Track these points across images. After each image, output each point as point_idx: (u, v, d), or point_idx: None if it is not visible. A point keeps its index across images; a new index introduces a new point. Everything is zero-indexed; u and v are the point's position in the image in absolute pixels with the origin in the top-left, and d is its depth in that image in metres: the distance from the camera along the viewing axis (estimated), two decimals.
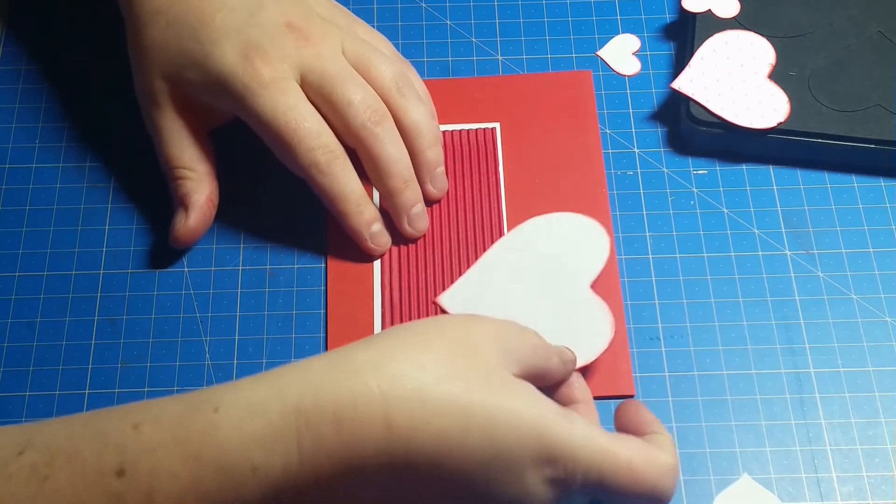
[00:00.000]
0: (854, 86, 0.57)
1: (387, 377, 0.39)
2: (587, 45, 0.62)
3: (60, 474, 0.37)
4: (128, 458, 0.37)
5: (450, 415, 0.39)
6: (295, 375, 0.40)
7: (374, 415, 0.38)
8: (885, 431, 0.50)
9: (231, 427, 0.38)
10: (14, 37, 0.64)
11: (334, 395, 0.39)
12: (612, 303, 0.53)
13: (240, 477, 0.37)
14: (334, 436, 0.38)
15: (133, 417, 0.39)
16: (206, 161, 0.55)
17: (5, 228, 0.57)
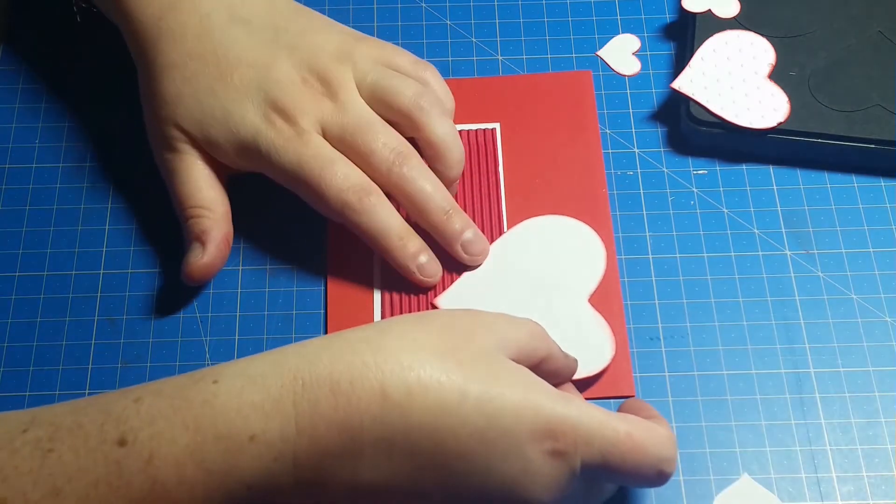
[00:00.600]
0: (854, 86, 0.57)
1: (382, 351, 0.40)
2: (587, 45, 0.62)
3: (63, 447, 0.38)
4: (128, 427, 0.38)
5: (445, 388, 0.39)
6: (293, 350, 0.41)
7: (369, 385, 0.39)
8: (885, 431, 0.50)
9: (229, 396, 0.39)
10: (14, 37, 0.64)
11: (331, 367, 0.39)
12: (612, 304, 0.53)
13: (237, 444, 0.38)
14: (330, 404, 0.39)
15: (135, 393, 0.40)
16: (223, 204, 0.54)
17: (5, 228, 0.57)
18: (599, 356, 0.51)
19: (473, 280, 0.54)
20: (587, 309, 0.53)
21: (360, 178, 0.52)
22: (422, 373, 0.39)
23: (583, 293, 0.53)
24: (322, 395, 0.39)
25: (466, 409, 0.39)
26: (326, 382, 0.39)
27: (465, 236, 0.54)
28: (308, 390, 0.39)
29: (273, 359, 0.40)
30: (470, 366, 0.40)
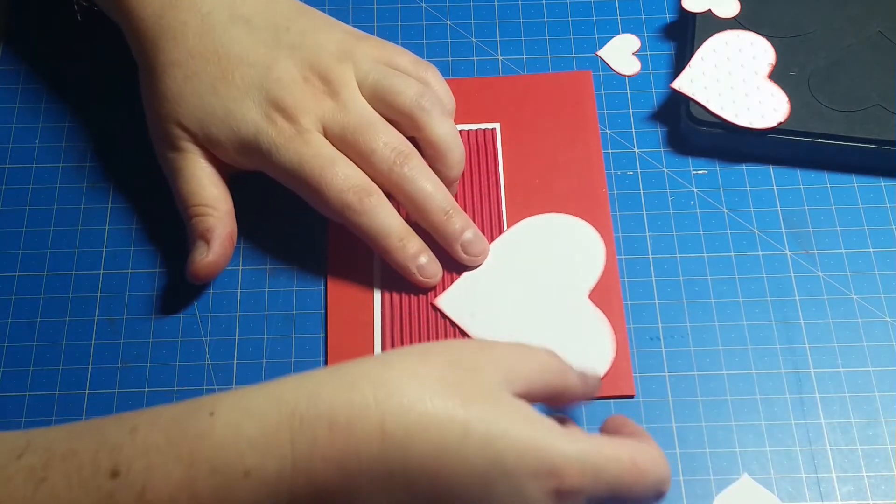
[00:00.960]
0: (854, 86, 0.57)
1: (383, 388, 0.39)
2: (587, 45, 0.62)
3: (56, 476, 0.37)
4: (122, 458, 0.37)
5: (447, 426, 0.38)
6: (292, 383, 0.40)
7: (369, 423, 0.38)
8: (885, 431, 0.50)
9: (226, 430, 0.38)
10: (14, 37, 0.64)
11: (330, 403, 0.39)
12: (612, 304, 0.53)
13: (232, 480, 0.37)
14: (328, 441, 0.38)
15: (132, 421, 0.39)
16: (226, 202, 0.54)
17: (5, 228, 0.57)
18: (601, 356, 0.51)
19: (473, 280, 0.54)
20: (588, 305, 0.53)
21: (360, 178, 0.52)
22: (423, 411, 0.39)
23: (583, 289, 0.53)
24: (320, 432, 0.38)
25: (468, 449, 0.38)
26: (325, 419, 0.38)
27: (464, 236, 0.53)
28: (306, 427, 0.38)
29: (271, 392, 0.39)
30: (473, 403, 0.39)
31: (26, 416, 0.51)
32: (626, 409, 0.51)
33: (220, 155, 0.54)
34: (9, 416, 0.51)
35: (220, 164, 0.55)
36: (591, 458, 0.40)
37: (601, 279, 0.54)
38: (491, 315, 0.53)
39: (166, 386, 0.52)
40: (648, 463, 0.41)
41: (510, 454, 0.39)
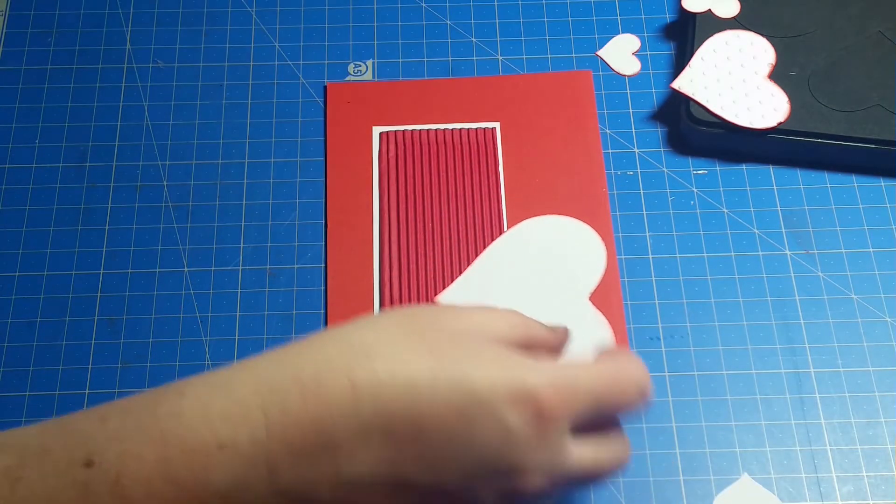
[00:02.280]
0: (854, 86, 0.57)
1: (347, 345, 0.39)
2: (587, 45, 0.62)
3: (31, 474, 0.37)
4: (94, 448, 0.37)
5: (415, 370, 0.38)
6: (258, 358, 0.40)
7: (337, 380, 0.38)
8: (885, 431, 0.50)
9: (195, 407, 0.38)
10: (14, 37, 0.64)
11: (296, 367, 0.39)
12: (612, 304, 0.53)
13: (206, 455, 0.37)
14: (300, 404, 0.38)
15: (102, 412, 0.39)
16: None
17: (5, 228, 0.57)
18: None
19: (474, 279, 0.54)
20: (588, 307, 0.53)
21: None
22: (390, 359, 0.38)
23: (583, 292, 0.53)
24: (290, 396, 0.38)
25: (440, 387, 0.38)
26: (294, 383, 0.38)
27: None
28: (275, 393, 0.38)
29: (238, 367, 0.39)
30: (438, 345, 0.39)
31: (26, 416, 0.51)
32: None
33: None
34: (9, 416, 0.51)
35: None
36: (563, 377, 0.39)
37: (602, 282, 0.54)
38: None
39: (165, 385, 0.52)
40: (622, 369, 0.41)
41: (482, 385, 0.38)
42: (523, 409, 0.38)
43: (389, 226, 0.56)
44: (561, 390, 0.39)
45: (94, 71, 0.62)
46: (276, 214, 0.57)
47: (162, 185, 0.57)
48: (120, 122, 0.60)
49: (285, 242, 0.56)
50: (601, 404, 0.40)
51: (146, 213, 0.57)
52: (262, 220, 0.57)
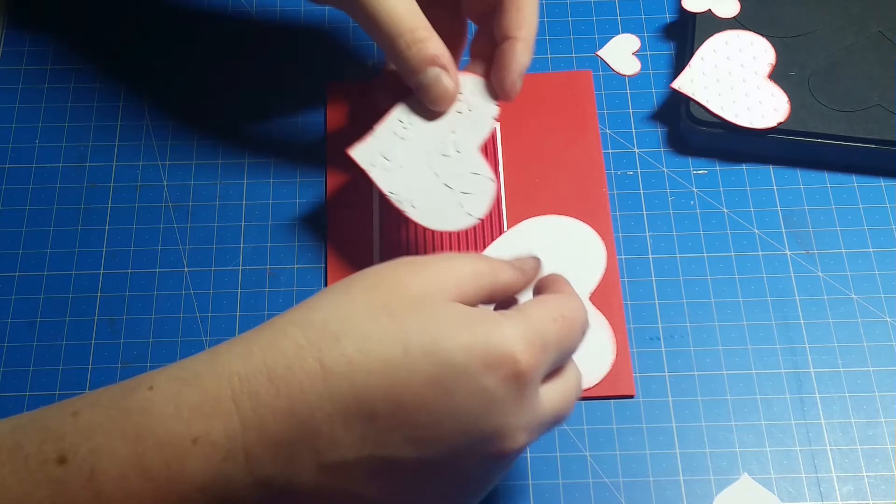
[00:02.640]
0: (854, 86, 0.57)
1: (312, 328, 0.39)
2: (587, 45, 0.62)
3: (4, 470, 0.37)
4: (67, 444, 0.37)
5: (385, 345, 0.38)
6: (225, 348, 0.39)
7: (306, 364, 0.38)
8: (885, 431, 0.50)
9: (165, 400, 0.38)
10: (14, 37, 0.64)
11: (263, 357, 0.38)
12: (612, 304, 0.53)
13: (181, 449, 0.37)
14: (272, 392, 0.37)
15: (73, 406, 0.39)
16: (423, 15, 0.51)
17: (5, 228, 0.57)
18: (601, 359, 0.51)
19: None
20: (588, 308, 0.53)
21: None
22: (357, 337, 0.38)
23: (584, 292, 0.53)
24: (261, 386, 0.37)
25: (413, 359, 0.38)
26: (262, 372, 0.38)
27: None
28: (245, 384, 0.37)
29: (206, 359, 0.39)
30: (404, 316, 0.39)
31: None
32: (626, 408, 0.51)
33: None
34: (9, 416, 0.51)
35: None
36: (532, 332, 0.39)
37: (602, 282, 0.54)
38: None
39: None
40: (573, 311, 0.42)
41: (457, 352, 0.38)
42: (500, 371, 0.38)
43: (390, 226, 0.56)
44: (533, 346, 0.39)
45: (95, 70, 0.62)
46: (276, 214, 0.57)
47: (162, 185, 0.58)
48: (120, 122, 0.60)
49: (285, 242, 0.56)
50: (565, 352, 0.42)
51: (146, 213, 0.57)
52: (262, 220, 0.57)
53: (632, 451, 0.50)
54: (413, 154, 0.51)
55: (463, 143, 0.52)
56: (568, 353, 0.42)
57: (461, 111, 0.52)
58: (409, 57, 0.50)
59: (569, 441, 0.50)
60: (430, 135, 0.52)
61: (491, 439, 0.39)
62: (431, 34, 0.50)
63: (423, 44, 0.50)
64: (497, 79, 0.52)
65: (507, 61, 0.52)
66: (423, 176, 0.51)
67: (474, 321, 0.39)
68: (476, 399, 0.38)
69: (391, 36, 0.50)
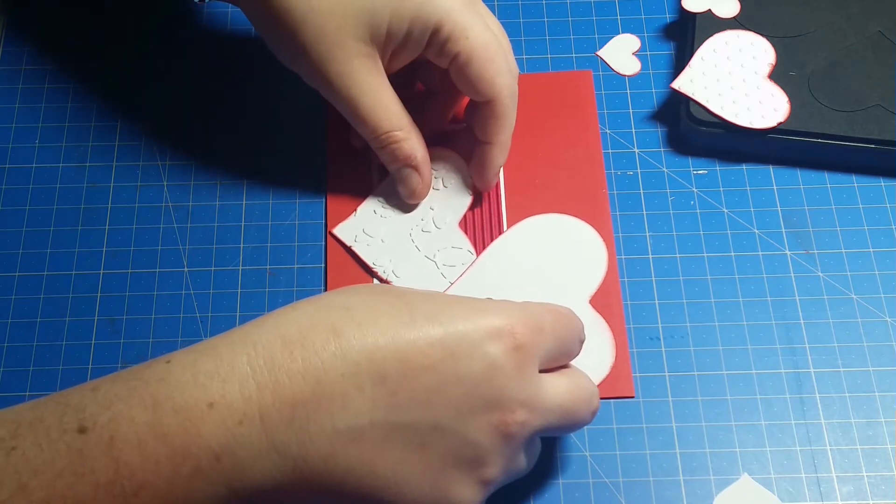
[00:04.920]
0: (854, 86, 0.57)
1: (322, 301, 0.41)
2: (587, 45, 0.62)
3: (25, 443, 0.37)
4: (87, 415, 0.38)
5: (394, 309, 0.40)
6: (241, 326, 0.41)
7: (319, 328, 0.39)
8: (885, 431, 0.50)
9: (183, 369, 0.39)
10: (14, 37, 0.64)
11: (277, 325, 0.40)
12: (612, 304, 0.53)
13: (197, 413, 0.38)
14: (286, 355, 0.39)
15: (93, 384, 0.40)
16: (406, 113, 0.54)
17: (5, 228, 0.57)
18: (601, 361, 0.51)
19: (475, 279, 0.54)
20: (589, 311, 0.53)
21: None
22: (366, 305, 0.40)
23: (584, 294, 0.53)
24: (275, 350, 0.39)
25: (419, 323, 0.40)
26: (276, 337, 0.39)
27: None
28: (260, 349, 0.39)
29: (222, 336, 0.41)
30: (411, 294, 0.42)
31: None
32: (626, 408, 0.51)
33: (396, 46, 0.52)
34: None
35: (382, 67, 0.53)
36: (528, 314, 0.42)
37: (602, 281, 0.54)
38: None
39: None
40: (568, 311, 0.45)
41: (459, 320, 0.41)
42: (502, 341, 0.41)
43: None
44: (531, 326, 0.42)
45: (95, 70, 0.62)
46: (276, 214, 0.57)
47: (162, 185, 0.58)
48: (120, 122, 0.60)
49: (285, 242, 0.56)
50: (562, 343, 0.44)
51: (146, 213, 0.57)
52: (262, 220, 0.57)
53: (632, 451, 0.50)
54: (394, 230, 0.55)
55: (442, 219, 0.55)
56: (566, 346, 0.44)
57: (438, 188, 0.56)
58: (384, 154, 0.54)
59: (569, 441, 0.50)
60: (410, 212, 0.55)
61: (493, 406, 0.41)
62: (408, 134, 0.53)
63: (397, 145, 0.53)
64: (476, 175, 0.56)
65: (486, 162, 0.55)
66: (405, 249, 0.54)
67: (474, 302, 0.42)
68: (478, 363, 0.40)
69: (367, 134, 0.53)
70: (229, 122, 0.60)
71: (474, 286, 0.54)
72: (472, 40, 0.51)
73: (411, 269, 0.54)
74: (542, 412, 0.42)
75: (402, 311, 0.40)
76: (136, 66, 0.62)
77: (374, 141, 0.53)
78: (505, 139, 0.54)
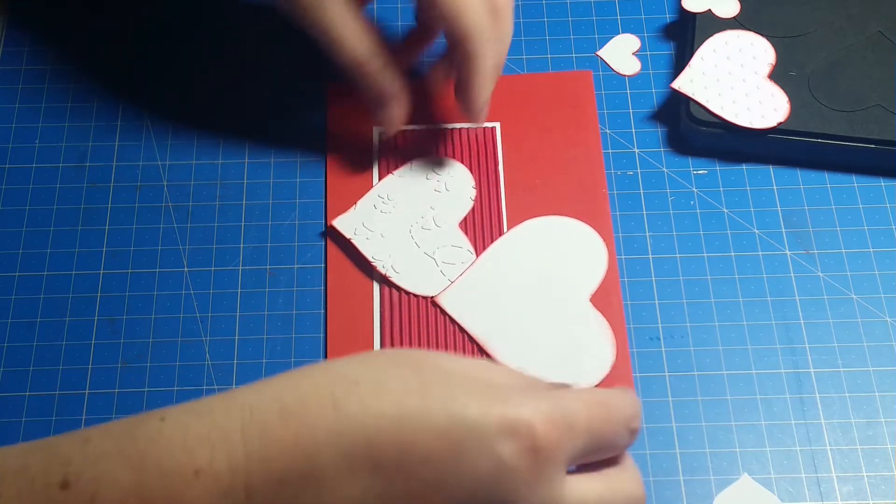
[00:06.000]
0: (854, 86, 0.57)
1: (331, 370, 0.38)
2: (587, 45, 0.62)
3: (9, 491, 0.36)
4: (72, 470, 0.37)
5: (403, 393, 0.37)
6: (244, 387, 0.39)
7: (319, 401, 0.37)
8: (885, 431, 0.50)
9: (175, 430, 0.37)
10: (14, 37, 0.64)
11: (279, 392, 0.37)
12: (612, 304, 0.53)
13: (183, 480, 0.36)
14: (281, 425, 0.36)
15: (86, 433, 0.38)
16: (381, 45, 0.53)
17: (5, 228, 0.57)
18: (601, 361, 0.51)
19: (475, 280, 0.54)
20: (589, 310, 0.53)
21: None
22: (376, 385, 0.37)
23: (584, 294, 0.53)
24: (271, 418, 0.36)
25: (427, 409, 0.36)
26: (274, 405, 0.37)
27: None
28: (256, 416, 0.37)
29: (222, 395, 0.39)
30: (432, 378, 0.38)
31: (26, 416, 0.51)
32: None
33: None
34: (9, 416, 0.51)
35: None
36: (557, 409, 0.37)
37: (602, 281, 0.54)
38: (492, 314, 0.53)
39: (166, 386, 0.52)
40: (614, 399, 0.40)
41: (473, 409, 0.36)
42: (517, 441, 0.36)
43: None
44: (558, 424, 0.37)
45: (95, 70, 0.62)
46: (276, 214, 0.57)
47: (162, 185, 0.58)
48: (120, 122, 0.60)
49: (285, 242, 0.56)
50: (600, 442, 0.39)
51: (146, 213, 0.57)
52: (262, 220, 0.57)
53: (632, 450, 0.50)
54: (394, 226, 0.55)
55: (442, 219, 0.55)
56: (607, 441, 0.39)
57: (439, 190, 0.56)
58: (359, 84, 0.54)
59: None
60: (410, 210, 0.55)
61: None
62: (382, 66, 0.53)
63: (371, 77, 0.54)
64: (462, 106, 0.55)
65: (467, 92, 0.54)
66: (405, 245, 0.54)
67: (500, 391, 0.38)
68: (487, 464, 0.36)
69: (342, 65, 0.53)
70: (229, 122, 0.60)
71: (474, 286, 0.54)
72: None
73: (410, 265, 0.54)
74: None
75: (413, 392, 0.37)
76: (136, 66, 0.62)
77: (349, 71, 0.53)
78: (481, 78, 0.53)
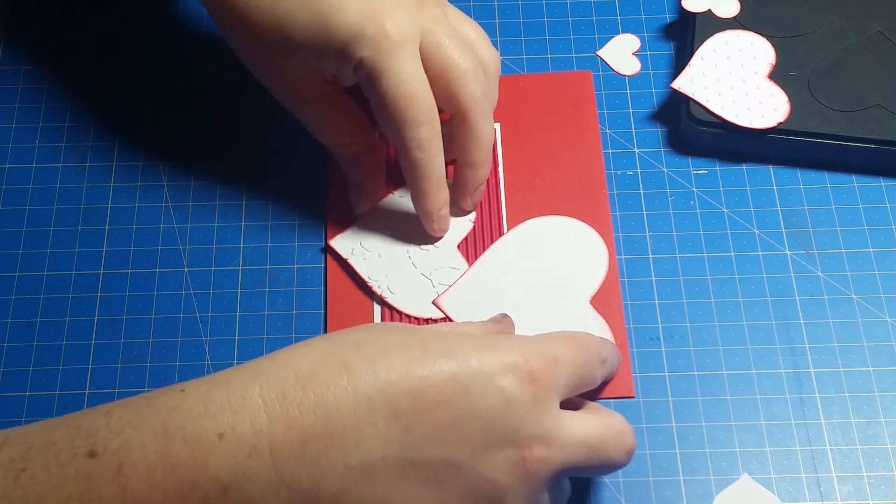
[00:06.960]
0: (854, 86, 0.57)
1: (337, 338, 0.41)
2: (587, 45, 0.62)
3: (35, 465, 0.37)
4: (98, 440, 0.38)
5: (406, 347, 0.40)
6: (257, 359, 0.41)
7: (330, 363, 0.39)
8: (885, 431, 0.50)
9: (196, 400, 0.39)
10: (14, 37, 0.64)
11: (290, 361, 0.40)
12: (612, 304, 0.53)
13: (207, 444, 0.37)
14: (298, 389, 0.38)
15: (106, 407, 0.40)
16: (359, 125, 0.54)
17: (5, 228, 0.57)
18: None
19: (476, 280, 0.54)
20: (589, 311, 0.53)
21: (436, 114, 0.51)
22: (378, 342, 0.40)
23: (584, 295, 0.53)
24: (287, 384, 0.39)
25: (432, 358, 0.40)
26: (289, 372, 0.39)
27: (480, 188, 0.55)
28: (273, 382, 0.39)
29: (237, 368, 0.40)
30: (424, 331, 0.42)
31: (26, 416, 0.51)
32: (627, 409, 0.51)
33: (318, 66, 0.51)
34: (9, 416, 0.51)
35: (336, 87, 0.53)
36: (541, 346, 0.42)
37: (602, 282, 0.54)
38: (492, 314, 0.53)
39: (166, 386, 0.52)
40: (582, 335, 0.45)
41: (472, 356, 0.40)
42: (517, 374, 0.40)
43: None
44: (547, 357, 0.41)
45: (95, 70, 0.62)
46: (276, 214, 0.57)
47: (162, 185, 0.58)
48: (120, 122, 0.60)
49: (285, 242, 0.56)
50: (582, 372, 0.43)
51: (146, 213, 0.57)
52: (262, 220, 0.57)
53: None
54: (392, 246, 0.55)
55: (442, 240, 0.55)
56: (587, 371, 0.44)
57: None
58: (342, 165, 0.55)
59: None
60: (408, 231, 0.55)
61: (509, 442, 0.40)
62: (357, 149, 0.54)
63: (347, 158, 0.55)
64: (456, 197, 0.55)
65: (464, 183, 0.54)
66: (402, 266, 0.54)
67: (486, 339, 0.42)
68: (493, 398, 0.40)
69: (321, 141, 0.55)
70: (229, 122, 0.60)
71: (474, 287, 0.54)
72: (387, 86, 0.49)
73: (406, 285, 0.53)
74: (563, 448, 0.41)
75: (415, 347, 0.40)
76: (136, 66, 0.62)
77: (329, 148, 0.55)
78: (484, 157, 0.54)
